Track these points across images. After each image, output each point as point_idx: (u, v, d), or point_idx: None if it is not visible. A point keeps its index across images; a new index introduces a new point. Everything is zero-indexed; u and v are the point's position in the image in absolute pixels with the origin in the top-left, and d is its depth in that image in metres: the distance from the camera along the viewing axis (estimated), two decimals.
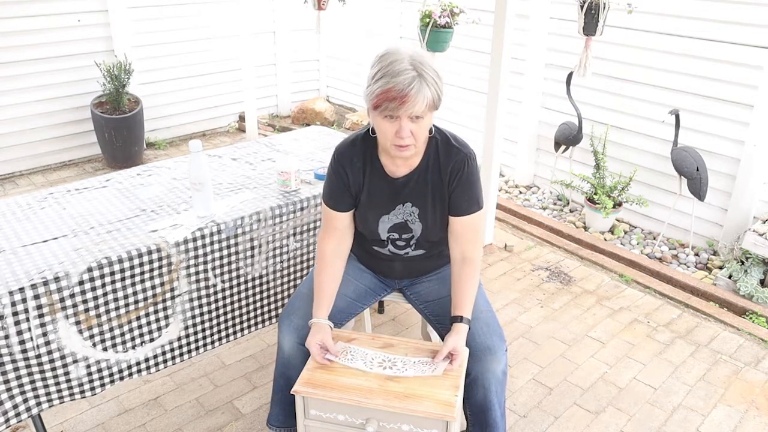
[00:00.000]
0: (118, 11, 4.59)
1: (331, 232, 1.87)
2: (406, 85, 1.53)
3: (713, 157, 3.45)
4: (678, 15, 3.44)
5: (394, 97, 1.54)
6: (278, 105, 5.91)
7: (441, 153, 1.76)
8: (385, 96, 1.55)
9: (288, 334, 1.82)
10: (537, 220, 3.90)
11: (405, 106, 1.55)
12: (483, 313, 1.83)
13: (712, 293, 3.15)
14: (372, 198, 1.81)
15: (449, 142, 1.78)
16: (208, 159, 2.58)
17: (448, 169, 1.76)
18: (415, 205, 1.80)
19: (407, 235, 1.85)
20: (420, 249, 1.90)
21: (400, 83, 1.53)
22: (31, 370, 1.77)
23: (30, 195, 2.25)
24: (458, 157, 1.76)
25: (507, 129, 4.26)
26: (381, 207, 1.82)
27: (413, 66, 1.56)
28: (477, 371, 1.74)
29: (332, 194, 1.84)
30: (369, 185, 1.80)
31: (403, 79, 1.54)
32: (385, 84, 1.55)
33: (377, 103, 1.58)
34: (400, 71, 1.54)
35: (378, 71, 1.58)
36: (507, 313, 2.98)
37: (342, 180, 1.81)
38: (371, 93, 1.59)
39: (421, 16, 3.55)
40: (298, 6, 4.88)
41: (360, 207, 1.84)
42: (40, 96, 4.45)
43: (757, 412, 2.39)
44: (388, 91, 1.54)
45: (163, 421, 2.29)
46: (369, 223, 1.85)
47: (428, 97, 1.57)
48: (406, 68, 1.55)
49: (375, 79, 1.58)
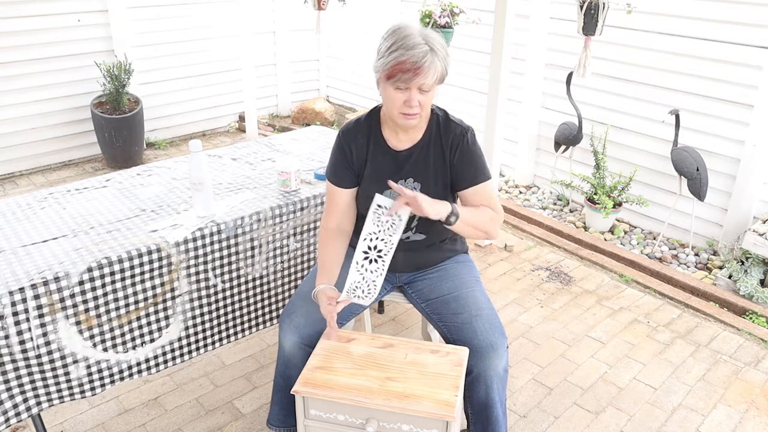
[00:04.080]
0: (118, 11, 4.59)
1: (333, 210, 1.92)
2: (420, 58, 1.62)
3: (713, 157, 3.45)
4: (678, 15, 3.44)
5: (408, 69, 1.62)
6: (278, 105, 5.91)
7: (441, 127, 1.85)
8: (399, 68, 1.63)
9: (289, 333, 1.82)
10: (537, 220, 3.90)
11: (418, 78, 1.64)
12: (484, 311, 1.83)
13: (712, 293, 3.15)
14: (375, 171, 1.86)
15: (448, 117, 1.87)
16: (208, 159, 2.58)
17: (448, 141, 1.83)
18: (417, 179, 1.85)
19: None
20: (421, 233, 1.91)
21: (414, 56, 1.61)
22: (31, 370, 1.77)
23: (30, 195, 2.25)
24: (457, 130, 1.84)
25: (507, 129, 4.27)
26: (384, 181, 1.83)
27: (425, 40, 1.64)
28: (479, 368, 1.75)
29: (335, 171, 1.90)
30: (372, 159, 1.86)
31: (417, 52, 1.62)
32: (400, 56, 1.63)
33: (391, 73, 1.65)
34: (415, 45, 1.62)
35: (393, 44, 1.65)
36: (507, 313, 2.98)
37: (345, 156, 1.87)
38: (385, 64, 1.66)
39: (421, 16, 3.56)
40: (298, 6, 4.88)
41: (363, 182, 1.89)
42: (40, 96, 4.46)
43: (757, 412, 2.39)
44: (404, 63, 1.62)
45: (163, 421, 2.29)
46: (371, 199, 1.85)
47: (439, 70, 1.66)
48: (419, 42, 1.63)
49: (390, 51, 1.65)
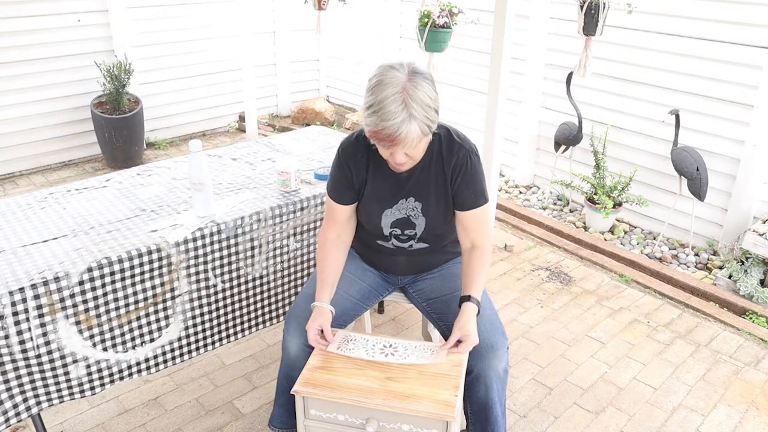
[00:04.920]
0: (118, 11, 4.59)
1: (333, 224, 1.91)
2: (395, 131, 1.55)
3: (713, 157, 3.45)
4: (678, 15, 3.43)
5: (383, 138, 1.58)
6: (278, 105, 5.91)
7: (444, 149, 1.79)
8: (376, 135, 1.60)
9: (295, 337, 1.82)
10: (537, 220, 3.90)
11: (396, 146, 1.60)
12: (485, 311, 1.83)
13: (712, 293, 3.15)
14: (375, 191, 1.84)
15: (451, 138, 1.80)
16: (208, 159, 2.58)
17: (450, 165, 1.78)
18: (418, 200, 1.83)
19: (410, 231, 1.87)
20: (423, 242, 1.91)
21: (389, 127, 1.55)
22: (30, 369, 1.77)
23: (30, 195, 2.25)
24: (461, 153, 1.78)
25: (507, 129, 4.26)
26: (384, 201, 1.84)
27: (404, 103, 1.54)
28: (479, 368, 1.75)
29: (336, 188, 1.88)
30: (372, 179, 1.83)
31: (392, 124, 1.54)
32: (375, 125, 1.57)
33: (369, 136, 1.62)
34: (390, 115, 1.54)
35: (371, 105, 1.57)
36: (507, 313, 2.98)
37: (345, 175, 1.84)
38: (364, 123, 1.61)
39: (419, 16, 3.55)
40: (298, 6, 4.88)
41: (363, 200, 1.87)
42: (40, 96, 4.45)
43: (757, 412, 2.39)
44: (379, 132, 1.57)
45: (163, 421, 2.29)
46: (372, 216, 1.86)
47: (418, 133, 1.58)
48: (394, 111, 1.53)
49: (368, 113, 1.58)
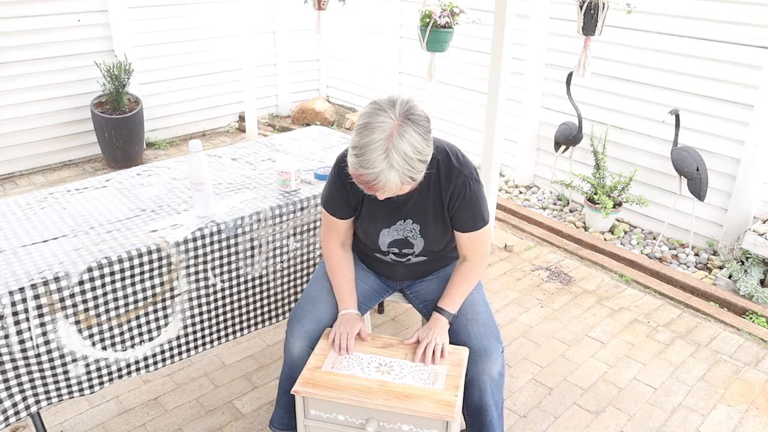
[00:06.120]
0: (118, 11, 4.58)
1: (335, 234, 1.91)
2: (373, 178, 1.51)
3: (713, 157, 3.45)
4: (678, 15, 3.43)
5: (363, 183, 1.56)
6: (278, 105, 5.91)
7: (442, 174, 1.73)
8: (356, 178, 1.57)
9: (299, 339, 1.82)
10: (537, 220, 3.90)
11: (375, 192, 1.58)
12: (481, 315, 1.83)
13: (712, 293, 3.15)
14: (372, 213, 1.81)
15: (450, 163, 1.73)
16: (208, 159, 2.59)
17: (448, 192, 1.73)
18: (416, 222, 1.80)
19: (408, 251, 1.86)
20: (422, 257, 1.90)
21: (368, 175, 1.52)
22: (30, 369, 1.77)
23: (30, 195, 2.25)
24: (458, 180, 1.72)
25: (507, 129, 4.26)
26: (382, 221, 1.82)
27: (386, 153, 1.49)
28: (473, 373, 1.75)
29: (332, 204, 1.85)
30: (369, 200, 1.79)
31: (371, 172, 1.50)
32: (355, 169, 1.54)
33: (351, 175, 1.58)
34: (369, 162, 1.50)
35: (354, 147, 1.53)
36: (507, 313, 2.98)
37: (341, 194, 1.81)
38: (348, 161, 1.57)
39: (421, 16, 3.55)
40: (298, 6, 4.88)
41: (361, 219, 1.85)
42: (40, 96, 4.45)
43: (757, 412, 2.39)
44: (358, 176, 1.55)
45: (163, 421, 2.29)
46: (370, 234, 1.86)
47: (397, 183, 1.54)
48: (375, 159, 1.49)
49: (351, 152, 1.54)
